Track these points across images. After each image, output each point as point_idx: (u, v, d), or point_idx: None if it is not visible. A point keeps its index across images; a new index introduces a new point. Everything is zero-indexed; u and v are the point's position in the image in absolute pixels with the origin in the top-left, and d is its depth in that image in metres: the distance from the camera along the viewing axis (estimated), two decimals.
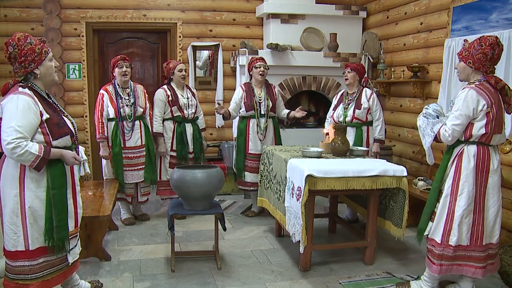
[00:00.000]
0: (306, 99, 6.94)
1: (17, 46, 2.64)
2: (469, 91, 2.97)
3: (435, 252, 3.16)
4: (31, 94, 2.62)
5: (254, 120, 5.07)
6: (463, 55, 3.08)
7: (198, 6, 6.50)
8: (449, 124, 3.04)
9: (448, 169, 3.15)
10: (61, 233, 2.72)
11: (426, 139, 3.23)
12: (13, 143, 2.47)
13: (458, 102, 3.00)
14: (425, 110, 3.25)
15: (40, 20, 6.06)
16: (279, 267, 3.87)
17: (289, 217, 3.72)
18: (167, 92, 4.94)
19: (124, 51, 6.35)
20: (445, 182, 3.15)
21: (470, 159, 3.03)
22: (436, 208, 3.20)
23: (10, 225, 2.67)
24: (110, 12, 6.25)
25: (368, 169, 3.63)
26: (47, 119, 2.64)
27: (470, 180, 3.04)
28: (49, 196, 2.67)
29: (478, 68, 3.03)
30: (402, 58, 5.67)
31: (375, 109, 4.71)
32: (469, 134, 3.02)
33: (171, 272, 3.71)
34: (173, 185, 3.81)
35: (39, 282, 2.73)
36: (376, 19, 6.36)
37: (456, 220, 3.06)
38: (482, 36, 3.02)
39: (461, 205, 3.05)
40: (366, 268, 3.86)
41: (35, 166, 2.56)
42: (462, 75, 3.14)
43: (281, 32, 6.28)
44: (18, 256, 2.69)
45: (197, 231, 4.74)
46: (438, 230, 3.15)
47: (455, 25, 4.56)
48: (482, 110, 2.96)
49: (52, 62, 2.77)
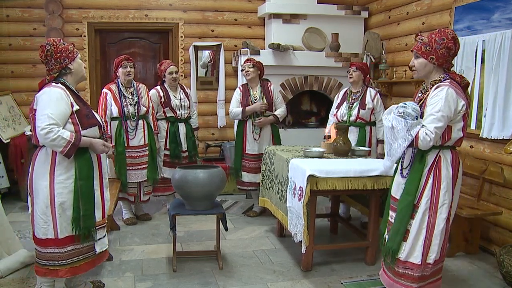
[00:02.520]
0: (308, 99, 6.94)
1: (53, 44, 2.87)
2: (448, 89, 2.68)
3: (415, 275, 2.82)
4: (63, 87, 2.85)
5: (251, 120, 5.08)
6: (423, 50, 2.80)
7: (199, 6, 6.51)
8: (431, 126, 2.67)
9: (424, 180, 2.79)
10: (87, 222, 2.87)
11: (399, 143, 2.74)
12: (46, 129, 2.66)
13: (438, 102, 2.67)
14: (402, 108, 2.74)
15: (42, 20, 6.07)
16: (280, 267, 3.86)
17: (291, 217, 3.72)
18: (160, 93, 5.01)
19: (126, 51, 6.35)
20: (422, 195, 2.79)
21: (448, 166, 2.77)
22: (410, 225, 2.83)
23: (41, 214, 2.84)
24: (112, 12, 6.26)
25: (369, 169, 3.63)
26: (77, 110, 2.85)
27: (450, 189, 2.78)
28: (76, 187, 2.83)
29: (441, 65, 2.78)
30: (404, 58, 5.66)
31: (379, 109, 4.72)
32: (448, 138, 2.75)
33: (173, 272, 3.72)
34: (174, 185, 3.82)
35: (68, 268, 2.89)
36: (378, 19, 6.35)
37: (437, 236, 2.78)
38: (441, 29, 2.80)
39: (442, 217, 2.78)
40: (368, 268, 3.85)
41: (66, 153, 2.73)
42: (421, 72, 2.86)
43: (283, 32, 6.28)
44: (48, 244, 2.87)
45: (198, 231, 4.74)
46: (415, 250, 2.81)
47: (457, 25, 4.55)
48: (461, 111, 2.72)
49: (82, 60, 3.03)
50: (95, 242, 2.97)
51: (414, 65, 2.90)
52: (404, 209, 2.83)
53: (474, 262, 4.00)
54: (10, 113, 5.81)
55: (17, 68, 6.13)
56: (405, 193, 2.84)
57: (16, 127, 5.75)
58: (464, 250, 4.16)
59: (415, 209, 2.81)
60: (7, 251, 3.72)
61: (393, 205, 2.99)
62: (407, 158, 2.91)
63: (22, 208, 5.45)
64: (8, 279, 3.51)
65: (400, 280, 2.88)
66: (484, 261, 4.04)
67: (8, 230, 3.82)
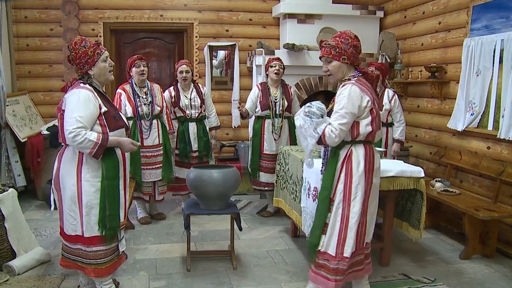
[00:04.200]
0: (323, 100, 6.85)
1: (73, 49, 2.86)
2: (351, 87, 2.80)
3: (330, 266, 2.91)
4: (91, 89, 2.86)
5: (269, 120, 5.07)
6: (334, 53, 2.88)
7: (214, 6, 6.52)
8: (335, 123, 2.78)
9: (337, 174, 2.90)
10: (113, 222, 2.89)
11: (308, 141, 2.88)
12: (74, 132, 2.68)
13: (342, 100, 2.79)
14: (308, 108, 2.87)
15: (58, 20, 6.14)
16: (294, 267, 3.85)
17: (305, 217, 3.71)
18: (171, 93, 5.04)
19: (141, 51, 6.39)
20: (336, 188, 2.90)
21: (359, 160, 2.86)
22: (327, 219, 2.94)
23: (69, 211, 2.89)
24: (127, 13, 6.30)
25: (385, 170, 3.59)
26: (105, 112, 2.86)
27: (362, 182, 2.86)
28: (103, 187, 2.85)
29: (352, 63, 2.89)
30: (420, 58, 5.61)
31: (396, 110, 4.72)
32: (357, 133, 2.85)
33: (187, 271, 3.73)
34: (189, 184, 3.83)
35: (92, 268, 2.93)
36: (393, 19, 6.30)
37: (352, 228, 2.87)
38: (340, 32, 2.92)
39: (355, 210, 2.86)
40: (382, 269, 3.82)
41: (94, 154, 2.74)
42: (337, 74, 2.94)
43: (297, 32, 6.26)
44: (77, 240, 2.91)
45: (212, 230, 4.75)
46: (331, 242, 2.92)
47: (475, 24, 4.50)
48: (366, 107, 2.81)
49: (106, 62, 2.95)
50: (119, 242, 3.01)
51: (327, 70, 2.97)
52: (321, 203, 2.96)
53: (491, 265, 3.95)
54: (27, 113, 5.89)
55: (34, 68, 6.21)
56: (322, 188, 2.97)
57: (33, 126, 5.82)
58: (480, 252, 4.10)
59: (331, 203, 2.92)
60: (24, 248, 3.77)
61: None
62: (323, 156, 3.03)
63: (38, 206, 5.51)
64: (24, 276, 3.55)
65: (320, 271, 2.97)
66: (501, 264, 3.98)
67: (25, 228, 3.87)
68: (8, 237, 3.64)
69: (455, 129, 4.75)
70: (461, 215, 4.15)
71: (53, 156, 5.60)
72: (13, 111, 5.61)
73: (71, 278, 3.52)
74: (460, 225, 4.25)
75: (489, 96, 4.35)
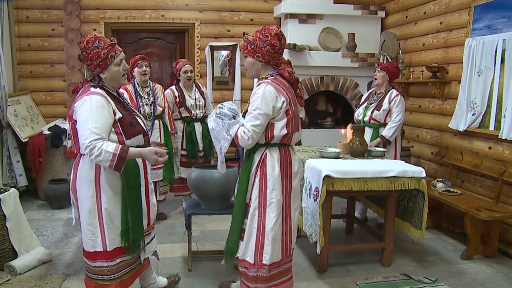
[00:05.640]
0: (324, 100, 6.92)
1: (85, 49, 2.61)
2: (266, 86, 2.66)
3: (249, 274, 2.81)
4: (103, 93, 2.61)
5: None
6: (249, 49, 2.75)
7: (216, 6, 6.52)
8: (248, 125, 2.65)
9: (252, 179, 2.77)
10: (136, 233, 2.70)
11: (221, 143, 2.73)
12: (90, 146, 2.43)
13: (256, 100, 2.65)
14: (219, 109, 2.73)
15: (60, 21, 6.15)
16: (296, 267, 3.84)
17: (306, 217, 3.71)
18: (175, 93, 5.01)
19: (143, 51, 6.40)
20: (251, 194, 2.78)
21: (274, 164, 2.73)
22: (244, 224, 2.82)
23: (88, 225, 2.66)
24: (128, 13, 6.31)
25: (386, 170, 3.60)
26: (120, 118, 2.62)
27: (277, 187, 2.73)
28: (124, 197, 2.65)
29: (268, 62, 2.75)
30: (421, 58, 5.61)
31: (394, 110, 4.53)
32: (271, 136, 2.71)
33: (188, 271, 3.73)
34: (190, 184, 3.82)
35: (117, 283, 2.73)
36: (395, 19, 6.30)
37: (268, 235, 2.74)
38: (264, 27, 2.76)
39: (271, 217, 2.73)
40: (384, 269, 3.82)
41: (115, 166, 2.47)
42: (251, 71, 2.83)
43: (299, 32, 6.26)
44: (97, 257, 2.69)
45: (214, 230, 4.74)
46: (249, 248, 2.80)
47: (476, 24, 4.49)
48: (282, 108, 2.67)
49: (119, 66, 2.72)
50: (141, 251, 2.81)
51: (243, 64, 2.86)
52: (236, 208, 2.84)
53: (493, 266, 3.94)
54: (29, 113, 5.90)
55: (35, 68, 6.22)
56: (237, 193, 2.84)
57: (34, 126, 5.83)
58: (482, 253, 4.10)
59: (247, 208, 2.81)
60: (25, 248, 3.77)
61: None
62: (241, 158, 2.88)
63: (40, 206, 5.52)
64: (25, 276, 3.55)
65: (241, 278, 2.89)
66: (503, 264, 3.98)
67: (26, 227, 3.87)
68: (9, 237, 3.64)
69: (456, 129, 4.75)
70: (462, 215, 4.15)
71: (54, 156, 5.69)
72: (15, 111, 5.62)
73: (72, 278, 3.53)
74: (462, 225, 4.24)
75: (490, 96, 4.34)
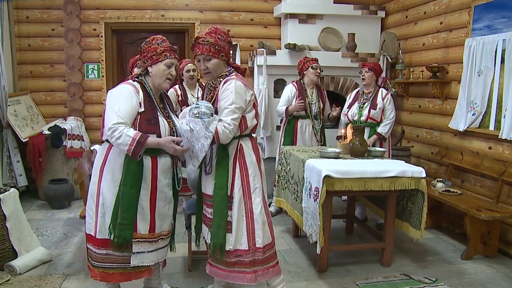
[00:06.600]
0: None
1: (148, 42, 2.83)
2: (236, 82, 2.79)
3: (245, 260, 2.88)
4: (136, 85, 2.77)
5: (303, 121, 5.03)
6: (214, 50, 2.82)
7: (216, 6, 6.52)
8: (227, 119, 2.74)
9: (231, 171, 2.87)
10: (123, 232, 2.71)
11: (201, 142, 2.72)
12: (112, 128, 2.59)
13: (229, 95, 2.76)
14: (196, 109, 2.74)
15: (60, 21, 6.15)
16: (296, 267, 3.85)
17: (306, 217, 3.71)
18: (178, 92, 5.00)
19: None
20: (234, 185, 2.87)
21: (250, 153, 2.91)
22: (229, 216, 2.88)
23: (88, 209, 2.85)
24: (128, 13, 6.31)
25: (386, 170, 3.60)
26: (141, 112, 2.72)
27: (257, 173, 2.92)
28: (119, 192, 2.72)
29: (228, 59, 2.92)
30: (421, 58, 5.61)
31: (388, 108, 4.67)
32: (245, 127, 2.88)
33: (188, 271, 3.73)
34: (190, 184, 3.80)
35: (99, 272, 2.80)
36: (395, 19, 6.30)
37: (258, 219, 2.89)
38: (213, 28, 2.89)
39: (257, 201, 2.90)
40: (383, 269, 3.82)
41: (132, 151, 2.60)
42: (215, 73, 2.88)
43: (299, 32, 6.25)
44: (89, 240, 2.85)
45: None
46: (240, 237, 2.88)
47: (476, 24, 4.49)
48: (251, 101, 2.86)
49: (168, 68, 2.81)
50: (132, 255, 2.78)
51: (206, 68, 2.88)
52: (220, 203, 2.86)
53: (493, 266, 3.94)
54: (29, 113, 5.90)
55: (35, 68, 6.22)
56: (216, 188, 2.86)
57: (34, 126, 5.83)
58: (482, 253, 4.10)
59: (230, 200, 2.88)
60: (25, 248, 3.77)
61: (207, 202, 3.00)
62: (207, 155, 2.93)
63: (40, 206, 5.52)
64: (25, 276, 3.55)
65: (234, 268, 2.91)
66: (503, 264, 3.98)
67: (26, 227, 3.87)
68: (9, 237, 3.65)
69: (456, 129, 4.75)
70: (462, 215, 4.15)
71: (54, 156, 5.68)
72: (15, 111, 5.62)
73: (72, 278, 3.53)
74: (462, 225, 4.25)
75: (490, 96, 4.34)
